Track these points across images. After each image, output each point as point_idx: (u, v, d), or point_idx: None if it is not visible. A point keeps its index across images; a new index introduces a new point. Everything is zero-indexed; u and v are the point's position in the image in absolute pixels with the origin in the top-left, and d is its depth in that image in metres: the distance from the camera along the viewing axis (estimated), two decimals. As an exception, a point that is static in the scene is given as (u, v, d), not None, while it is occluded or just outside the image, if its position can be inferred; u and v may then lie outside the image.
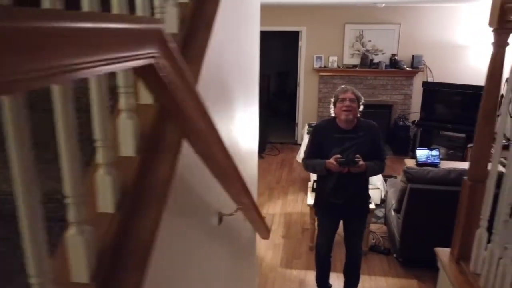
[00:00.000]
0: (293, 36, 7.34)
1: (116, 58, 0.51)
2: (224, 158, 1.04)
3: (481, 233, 1.64)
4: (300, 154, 5.06)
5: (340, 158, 2.66)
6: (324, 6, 6.83)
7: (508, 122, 4.34)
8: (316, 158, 2.87)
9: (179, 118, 0.78)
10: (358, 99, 2.80)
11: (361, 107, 2.84)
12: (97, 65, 0.49)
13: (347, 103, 2.74)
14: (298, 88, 7.36)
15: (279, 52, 9.43)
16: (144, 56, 0.56)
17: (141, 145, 0.89)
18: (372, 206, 3.88)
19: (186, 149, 1.00)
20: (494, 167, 1.54)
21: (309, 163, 2.94)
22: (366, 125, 2.87)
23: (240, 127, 1.93)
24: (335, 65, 6.96)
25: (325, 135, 2.88)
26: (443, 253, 1.91)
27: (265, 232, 2.28)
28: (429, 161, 4.97)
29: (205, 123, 0.85)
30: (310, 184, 4.40)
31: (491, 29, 1.51)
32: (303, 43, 7.07)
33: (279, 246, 4.12)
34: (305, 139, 5.44)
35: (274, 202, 5.08)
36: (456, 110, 6.43)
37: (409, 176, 3.40)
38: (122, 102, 0.85)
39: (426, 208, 3.36)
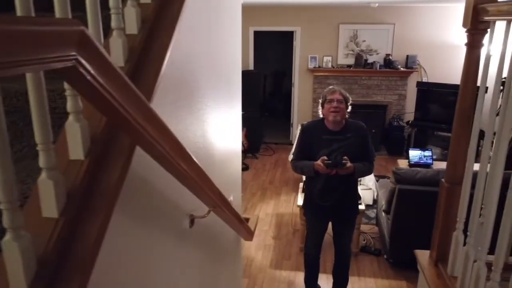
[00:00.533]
0: (290, 36, 7.32)
1: (30, 60, 0.50)
2: (183, 161, 1.02)
3: (457, 235, 1.62)
4: (292, 155, 5.04)
5: (327, 160, 2.64)
6: (318, 6, 6.82)
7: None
8: (304, 159, 2.86)
9: (117, 121, 0.76)
10: (346, 100, 2.78)
11: (349, 108, 2.82)
12: (8, 66, 0.48)
13: (335, 104, 2.73)
14: (292, 88, 7.34)
15: (276, 51, 9.42)
16: (64, 59, 0.54)
17: (91, 148, 0.88)
18: (362, 207, 3.87)
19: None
20: (469, 169, 1.52)
21: (297, 165, 2.93)
22: (355, 126, 2.86)
23: (218, 129, 1.92)
24: (330, 65, 6.95)
25: (313, 136, 2.86)
26: (423, 256, 1.89)
27: (247, 234, 2.26)
28: (421, 161, 4.96)
29: (154, 126, 0.83)
30: (301, 184, 4.39)
31: (464, 30, 1.49)
32: (297, 43, 7.06)
33: (269, 247, 4.11)
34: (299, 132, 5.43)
35: (267, 203, 5.07)
36: (451, 110, 6.39)
37: (398, 177, 3.38)
38: (69, 105, 0.83)
39: (414, 209, 3.34)
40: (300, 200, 3.97)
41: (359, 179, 4.82)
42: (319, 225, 3.09)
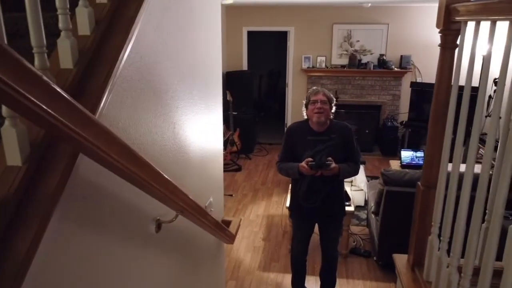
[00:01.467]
0: (283, 35, 7.29)
1: None
2: (135, 166, 0.99)
3: (432, 239, 1.59)
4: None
5: (311, 162, 2.61)
6: (311, 6, 6.78)
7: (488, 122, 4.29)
8: (289, 161, 2.83)
9: (46, 128, 0.73)
10: (329, 101, 2.76)
11: (333, 109, 2.79)
12: None
13: (319, 105, 2.70)
14: (286, 88, 7.31)
15: (271, 51, 9.39)
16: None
17: (30, 154, 0.85)
18: (351, 208, 3.84)
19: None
20: (443, 171, 1.49)
21: (282, 167, 2.90)
22: (339, 127, 2.83)
23: (193, 130, 1.89)
24: (323, 65, 6.92)
25: (297, 137, 2.83)
26: (400, 260, 1.86)
27: (227, 238, 2.23)
28: (413, 162, 4.92)
29: (93, 132, 0.80)
30: (290, 186, 4.36)
31: (438, 30, 1.46)
32: (291, 43, 7.03)
33: (259, 249, 4.08)
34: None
35: (258, 204, 5.04)
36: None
37: (386, 179, 3.35)
38: (4, 109, 0.80)
39: (402, 210, 3.29)
40: (288, 202, 3.94)
41: (350, 179, 4.81)
42: (305, 226, 3.06)
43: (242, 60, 7.21)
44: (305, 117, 2.86)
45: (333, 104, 2.78)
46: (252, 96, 7.03)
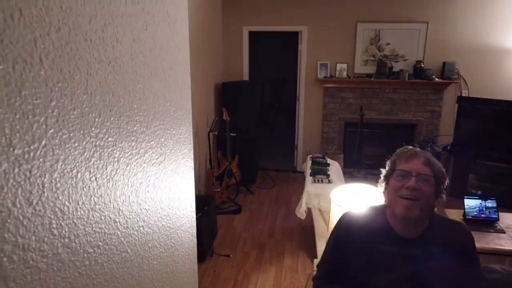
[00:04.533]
0: (292, 38, 5.88)
1: None
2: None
3: None
4: (301, 208, 3.59)
5: None
6: (330, 0, 5.39)
7: None
8: (339, 279, 1.45)
9: None
10: (437, 177, 1.36)
11: (444, 196, 1.40)
12: None
13: (413, 182, 1.32)
14: (297, 102, 5.90)
15: (277, 56, 8.00)
16: None
17: None
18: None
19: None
20: None
21: None
22: (447, 230, 1.43)
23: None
24: (344, 74, 5.51)
25: (360, 240, 1.44)
26: None
27: None
28: (482, 216, 3.53)
29: None
30: (315, 261, 2.95)
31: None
32: (303, 47, 5.62)
33: None
34: (309, 179, 3.97)
35: (265, 272, 3.63)
36: (501, 134, 4.96)
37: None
38: None
39: None
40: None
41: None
42: None
43: (243, 67, 5.79)
44: (383, 201, 1.47)
45: (443, 186, 1.38)
46: (254, 112, 5.61)
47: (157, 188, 0.89)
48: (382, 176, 1.46)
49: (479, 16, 5.14)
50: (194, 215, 1.24)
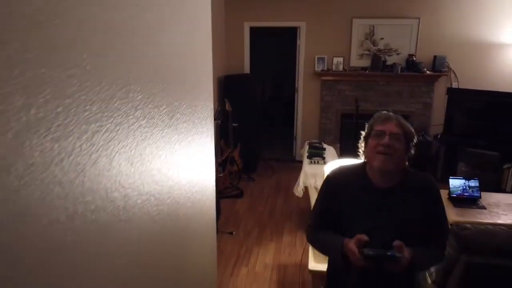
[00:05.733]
0: (292, 32, 6.18)
1: None
2: None
3: None
4: (299, 186, 3.89)
5: (368, 250, 1.50)
6: (327, -3, 5.69)
7: None
8: (329, 227, 1.74)
9: None
10: (407, 136, 1.65)
11: (413, 150, 1.68)
12: None
13: (386, 140, 1.60)
14: (296, 94, 6.19)
15: (277, 51, 8.27)
16: None
17: None
18: None
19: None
20: None
21: (316, 238, 1.82)
22: (419, 182, 1.72)
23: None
24: (341, 67, 5.81)
25: (345, 193, 1.72)
26: None
27: None
28: (466, 194, 3.82)
29: None
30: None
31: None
32: (302, 42, 5.91)
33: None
34: (306, 160, 4.26)
35: (266, 247, 3.92)
36: (489, 123, 5.26)
37: (463, 242, 2.24)
38: None
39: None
40: (312, 262, 2.82)
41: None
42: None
43: (244, 61, 6.09)
44: (362, 158, 1.76)
45: (412, 143, 1.67)
46: (255, 104, 5.90)
47: (197, 161, 1.12)
48: (361, 137, 1.75)
49: (468, 12, 5.43)
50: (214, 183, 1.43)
